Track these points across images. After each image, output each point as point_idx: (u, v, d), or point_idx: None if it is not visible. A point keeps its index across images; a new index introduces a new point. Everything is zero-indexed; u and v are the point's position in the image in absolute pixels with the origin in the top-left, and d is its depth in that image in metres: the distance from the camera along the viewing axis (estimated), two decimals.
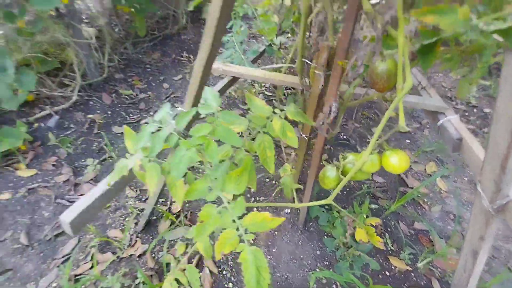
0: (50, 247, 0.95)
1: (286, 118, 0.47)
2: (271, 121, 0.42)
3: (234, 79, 1.05)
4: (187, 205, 1.12)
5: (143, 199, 1.13)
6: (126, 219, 1.05)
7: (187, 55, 2.31)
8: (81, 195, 1.12)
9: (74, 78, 1.65)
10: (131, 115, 1.59)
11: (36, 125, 1.37)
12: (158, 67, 2.10)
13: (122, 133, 1.44)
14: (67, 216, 0.49)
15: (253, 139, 0.42)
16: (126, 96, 1.71)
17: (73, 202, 1.09)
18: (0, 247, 0.94)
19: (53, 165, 1.22)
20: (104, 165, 1.25)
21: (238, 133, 0.44)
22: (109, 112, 1.56)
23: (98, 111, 1.54)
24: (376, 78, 0.43)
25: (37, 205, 1.07)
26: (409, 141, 1.56)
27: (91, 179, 1.18)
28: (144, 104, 1.68)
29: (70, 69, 1.67)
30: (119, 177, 0.42)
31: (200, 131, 0.39)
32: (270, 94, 1.85)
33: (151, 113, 1.62)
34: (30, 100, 1.47)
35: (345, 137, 1.56)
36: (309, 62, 0.75)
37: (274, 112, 0.44)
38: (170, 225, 1.03)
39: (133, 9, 2.10)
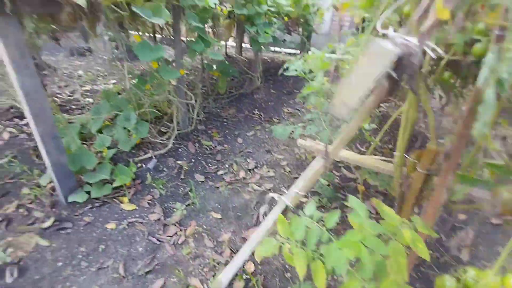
0: (141, 282, 1.09)
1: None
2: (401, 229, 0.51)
3: None
4: (259, 267, 1.18)
5: (219, 251, 1.24)
6: (204, 269, 1.16)
7: (258, 113, 2.62)
8: (169, 236, 1.29)
9: (168, 126, 2.03)
10: (210, 165, 1.83)
11: (139, 165, 1.68)
12: (233, 121, 2.42)
13: (202, 181, 1.66)
14: (226, 277, 0.61)
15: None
16: (206, 147, 2.00)
17: (161, 242, 1.25)
18: (102, 274, 1.11)
19: (148, 203, 1.45)
20: (188, 210, 1.44)
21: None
22: (193, 160, 1.83)
23: (185, 159, 1.82)
24: (505, 205, 0.49)
25: (134, 239, 1.26)
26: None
27: (177, 222, 1.36)
28: (220, 156, 1.93)
29: (167, 119, 2.07)
30: (270, 254, 0.53)
31: (353, 237, 0.49)
32: (338, 160, 1.93)
33: (226, 165, 1.84)
34: (137, 144, 1.84)
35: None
36: (407, 156, 0.84)
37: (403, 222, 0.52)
38: (244, 286, 1.09)
39: (219, 73, 2.57)
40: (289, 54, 5.18)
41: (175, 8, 1.75)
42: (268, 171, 1.79)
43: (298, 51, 4.29)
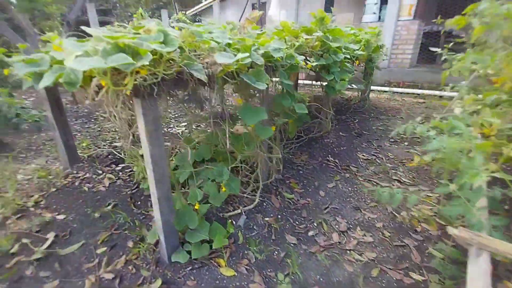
0: None
1: None
2: None
3: None
4: None
5: None
6: None
7: (333, 160, 2.53)
8: None
9: (247, 175, 2.05)
10: (297, 222, 1.76)
11: (229, 222, 1.69)
12: (309, 170, 2.37)
13: (295, 244, 1.58)
14: None
15: None
16: (289, 200, 1.95)
17: None
18: None
19: (246, 269, 1.42)
20: (290, 281, 1.35)
21: None
22: (279, 216, 1.79)
23: (271, 215, 1.79)
24: None
25: None
26: None
27: None
28: (306, 212, 1.85)
29: (247, 170, 2.10)
30: None
31: None
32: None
33: (315, 224, 1.75)
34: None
35: None
36: None
37: None
38: None
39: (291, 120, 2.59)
40: (349, 88, 5.12)
41: (267, 68, 1.85)
42: (364, 235, 1.65)
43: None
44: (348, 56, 2.54)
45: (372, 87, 5.06)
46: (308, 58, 2.21)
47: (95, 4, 8.66)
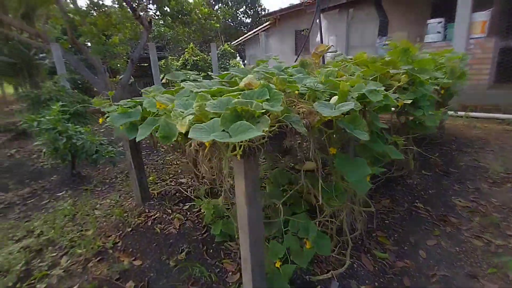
0: None
1: None
2: None
3: None
4: None
5: None
6: None
7: (423, 207, 2.17)
8: None
9: (326, 226, 1.83)
10: None
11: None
12: (395, 219, 2.05)
13: None
14: None
15: None
16: (382, 261, 1.66)
17: None
18: None
19: None
20: None
21: None
22: (376, 284, 1.51)
23: (367, 281, 1.52)
24: None
25: None
26: None
27: None
28: (408, 280, 1.54)
29: (324, 219, 1.88)
30: None
31: None
32: None
33: None
34: None
35: None
36: None
37: None
38: None
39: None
40: None
41: None
42: None
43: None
44: (437, 87, 2.26)
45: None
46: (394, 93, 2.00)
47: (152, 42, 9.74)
